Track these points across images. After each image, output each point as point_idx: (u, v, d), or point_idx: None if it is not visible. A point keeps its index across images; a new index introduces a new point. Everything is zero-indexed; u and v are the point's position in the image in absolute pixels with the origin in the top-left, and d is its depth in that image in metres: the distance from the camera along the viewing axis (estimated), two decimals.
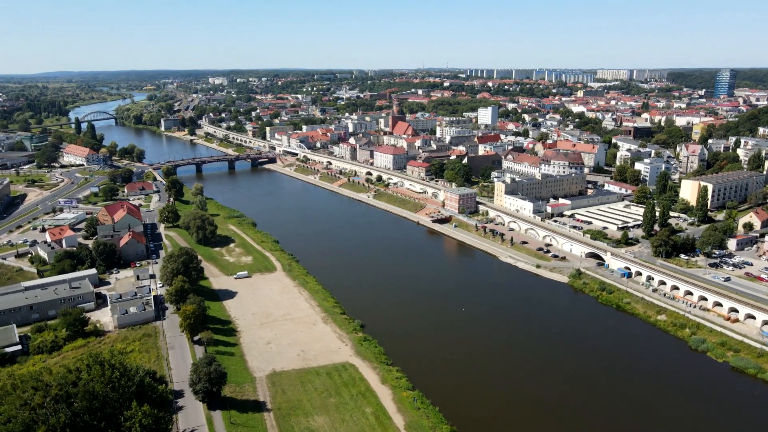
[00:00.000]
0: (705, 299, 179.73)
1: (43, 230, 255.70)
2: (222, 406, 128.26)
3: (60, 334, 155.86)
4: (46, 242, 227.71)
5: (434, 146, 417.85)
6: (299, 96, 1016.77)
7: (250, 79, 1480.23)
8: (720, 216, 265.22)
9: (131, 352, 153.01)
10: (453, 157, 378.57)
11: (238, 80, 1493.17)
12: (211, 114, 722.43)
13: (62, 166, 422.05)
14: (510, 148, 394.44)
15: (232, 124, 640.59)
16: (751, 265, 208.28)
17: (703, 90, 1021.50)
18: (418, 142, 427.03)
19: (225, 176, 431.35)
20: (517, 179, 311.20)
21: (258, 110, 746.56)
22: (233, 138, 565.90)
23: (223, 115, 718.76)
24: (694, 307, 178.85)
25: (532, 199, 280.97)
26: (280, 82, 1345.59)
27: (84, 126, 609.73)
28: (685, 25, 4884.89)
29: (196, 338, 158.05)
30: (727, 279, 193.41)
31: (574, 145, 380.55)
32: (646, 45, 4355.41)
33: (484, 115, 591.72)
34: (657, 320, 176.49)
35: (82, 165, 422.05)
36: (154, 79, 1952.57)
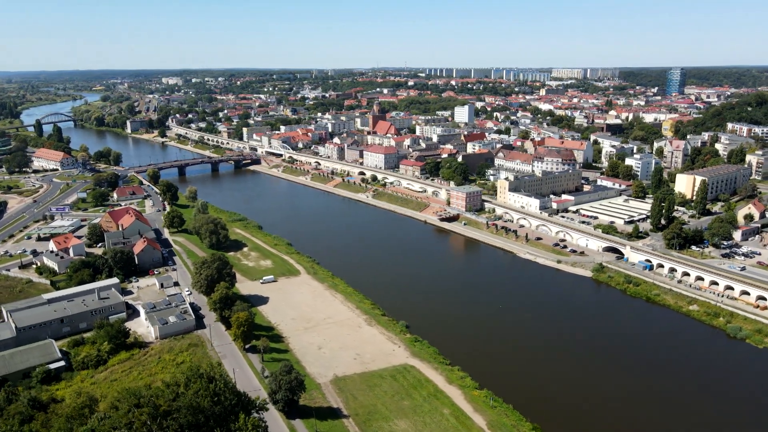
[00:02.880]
0: (731, 288, 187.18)
1: (40, 239, 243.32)
2: (301, 415, 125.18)
3: (103, 348, 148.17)
4: (52, 251, 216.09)
5: (423, 145, 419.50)
6: (262, 96, 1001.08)
7: (207, 79, 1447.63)
8: (715, 208, 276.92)
9: (182, 363, 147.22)
10: (445, 155, 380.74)
11: (194, 80, 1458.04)
12: (177, 115, 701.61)
13: (34, 171, 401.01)
14: (499, 146, 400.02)
15: (202, 125, 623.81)
16: (759, 254, 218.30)
17: (656, 88, 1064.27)
18: (407, 141, 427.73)
19: (209, 179, 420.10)
20: (518, 177, 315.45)
21: (225, 111, 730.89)
22: (209, 139, 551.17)
23: (190, 116, 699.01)
24: (722, 296, 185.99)
25: (536, 195, 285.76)
26: (239, 82, 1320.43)
27: (47, 128, 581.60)
28: (633, 26, 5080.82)
29: (247, 346, 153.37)
30: (743, 268, 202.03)
31: (562, 142, 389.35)
32: (597, 45, 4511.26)
33: (461, 114, 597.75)
34: (689, 310, 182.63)
35: (56, 170, 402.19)
36: (101, 79, 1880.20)
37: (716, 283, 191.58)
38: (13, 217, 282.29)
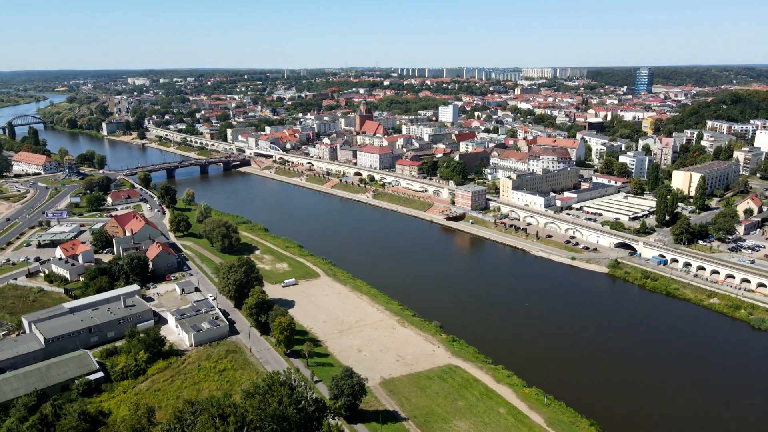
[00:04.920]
0: (747, 281, 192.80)
1: (40, 246, 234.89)
2: (361, 419, 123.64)
3: (140, 357, 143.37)
4: (60, 259, 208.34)
5: (417, 145, 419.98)
6: (236, 96, 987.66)
7: (175, 80, 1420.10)
8: (712, 203, 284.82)
9: (225, 371, 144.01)
10: (440, 155, 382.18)
11: (161, 81, 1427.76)
12: (153, 116, 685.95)
13: (16, 176, 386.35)
14: (492, 145, 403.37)
15: (181, 126, 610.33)
16: (764, 247, 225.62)
17: (625, 87, 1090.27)
18: (400, 141, 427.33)
19: (199, 181, 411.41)
20: (520, 175, 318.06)
21: (203, 112, 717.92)
22: (193, 141, 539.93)
23: (167, 117, 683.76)
24: (739, 289, 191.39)
25: (540, 193, 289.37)
26: (209, 83, 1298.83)
27: (19, 131, 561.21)
28: (598, 26, 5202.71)
29: (288, 351, 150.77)
30: (752, 261, 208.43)
31: (555, 140, 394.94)
32: (564, 45, 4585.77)
33: (445, 113, 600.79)
34: (710, 303, 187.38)
35: (39, 174, 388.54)
36: (62, 79, 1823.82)
37: (732, 276, 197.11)
38: (6, 224, 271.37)
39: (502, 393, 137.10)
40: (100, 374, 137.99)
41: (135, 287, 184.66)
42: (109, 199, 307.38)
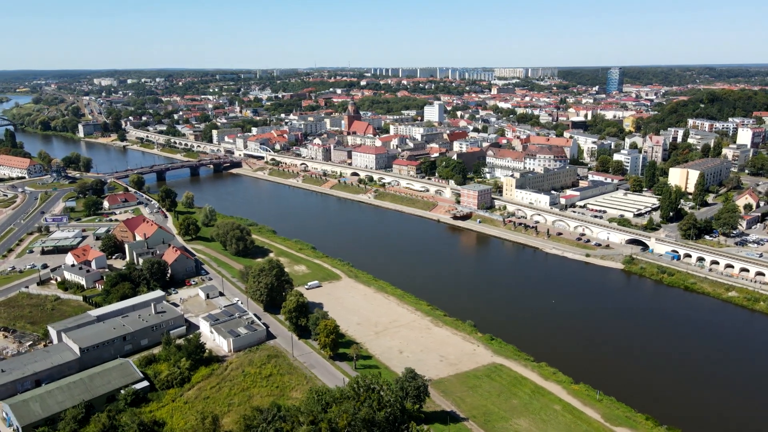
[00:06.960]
0: (762, 274, 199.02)
1: (44, 252, 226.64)
2: (425, 420, 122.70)
3: (182, 365, 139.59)
4: (73, 265, 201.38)
5: (411, 145, 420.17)
6: (211, 97, 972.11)
7: (144, 80, 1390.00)
8: (708, 199, 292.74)
9: (271, 376, 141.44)
10: (435, 155, 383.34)
11: (129, 81, 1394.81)
12: (130, 117, 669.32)
13: (0, 180, 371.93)
14: (486, 144, 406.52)
15: (161, 128, 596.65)
16: None
17: (596, 86, 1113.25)
18: (394, 141, 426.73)
19: (190, 183, 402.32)
20: (523, 174, 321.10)
21: (180, 113, 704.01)
22: (177, 143, 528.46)
23: (145, 118, 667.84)
24: (755, 282, 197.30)
25: (544, 192, 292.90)
26: (180, 83, 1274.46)
27: None
28: (567, 27, 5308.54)
29: (332, 354, 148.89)
30: (761, 255, 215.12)
31: (548, 139, 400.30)
32: (535, 45, 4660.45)
33: (431, 113, 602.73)
34: (729, 297, 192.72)
35: (23, 177, 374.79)
36: (23, 80, 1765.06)
37: (746, 270, 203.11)
38: (1, 230, 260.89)
39: (552, 390, 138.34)
40: (145, 383, 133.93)
41: (160, 293, 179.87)
42: (106, 203, 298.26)
